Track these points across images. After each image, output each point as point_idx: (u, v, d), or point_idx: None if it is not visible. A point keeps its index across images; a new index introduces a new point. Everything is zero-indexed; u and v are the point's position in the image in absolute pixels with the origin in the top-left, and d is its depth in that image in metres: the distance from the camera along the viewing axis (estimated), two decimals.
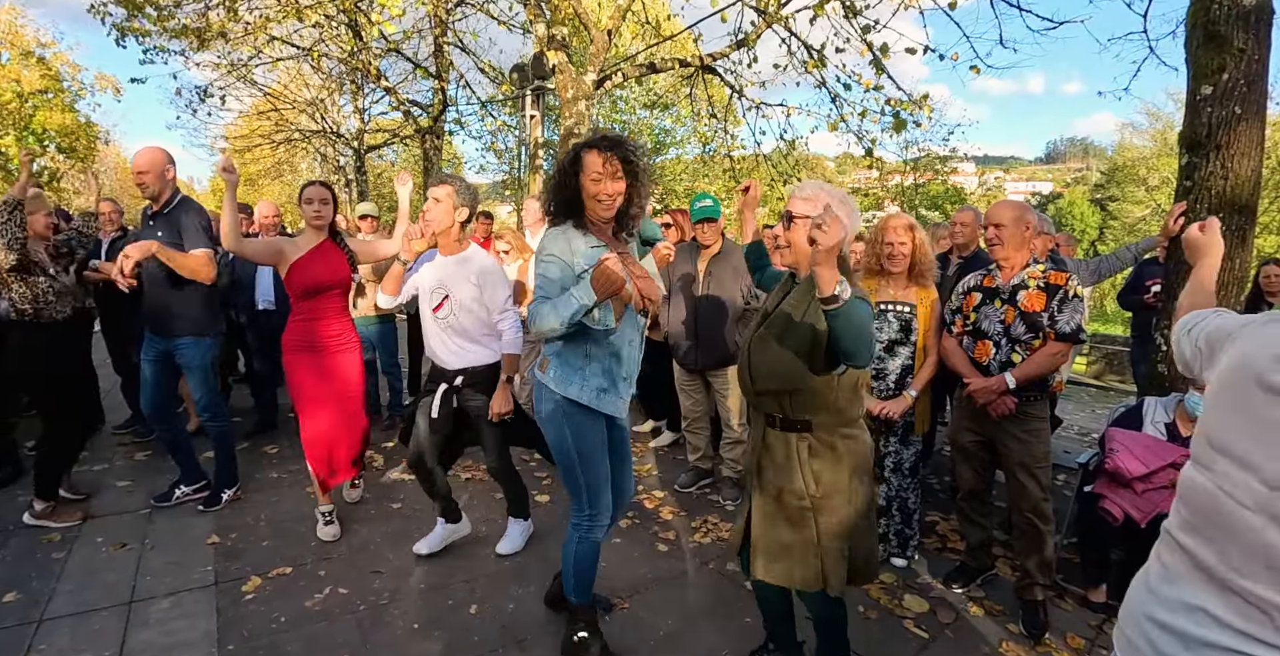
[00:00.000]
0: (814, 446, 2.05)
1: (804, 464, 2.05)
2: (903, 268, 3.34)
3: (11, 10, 21.36)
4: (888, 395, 3.33)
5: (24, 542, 3.40)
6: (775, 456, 2.10)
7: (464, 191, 3.01)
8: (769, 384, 2.06)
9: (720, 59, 9.40)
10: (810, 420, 2.04)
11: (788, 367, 2.01)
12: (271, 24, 10.12)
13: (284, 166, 23.80)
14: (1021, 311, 3.01)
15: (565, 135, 8.32)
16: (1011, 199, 3.46)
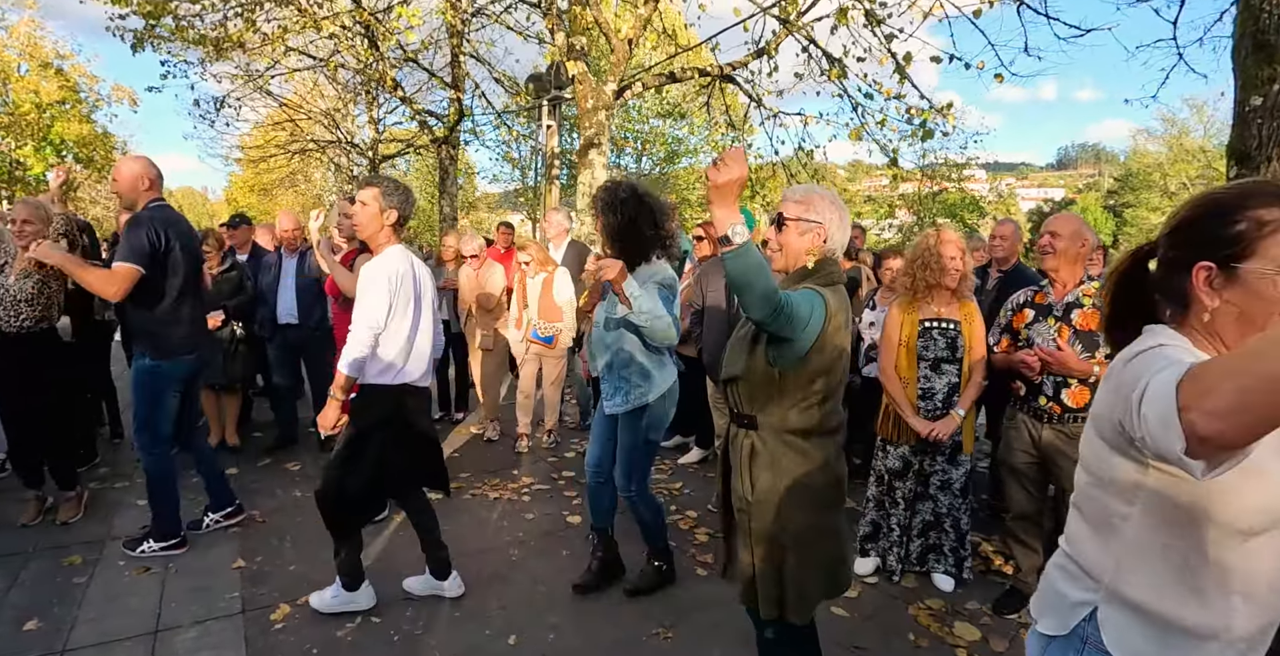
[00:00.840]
0: (755, 447, 1.94)
1: (743, 462, 1.95)
2: (957, 283, 3.25)
3: (31, 22, 21.56)
4: (935, 415, 3.23)
5: (44, 566, 3.32)
6: (730, 452, 2.03)
7: (392, 192, 2.78)
8: (725, 369, 2.01)
9: (739, 68, 9.34)
10: (755, 417, 1.94)
11: (735, 352, 1.97)
12: (289, 35, 10.13)
13: (298, 176, 23.90)
14: (1076, 330, 2.90)
15: (585, 145, 8.26)
16: (1070, 213, 3.34)
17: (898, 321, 3.39)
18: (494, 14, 11.96)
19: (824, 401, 1.90)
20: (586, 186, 8.22)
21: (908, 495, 3.35)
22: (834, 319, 1.83)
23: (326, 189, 25.12)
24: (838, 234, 1.96)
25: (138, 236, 3.20)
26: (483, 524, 3.88)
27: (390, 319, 2.71)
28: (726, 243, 1.61)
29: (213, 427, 5.01)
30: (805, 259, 1.94)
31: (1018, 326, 3.11)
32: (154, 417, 3.38)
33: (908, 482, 3.35)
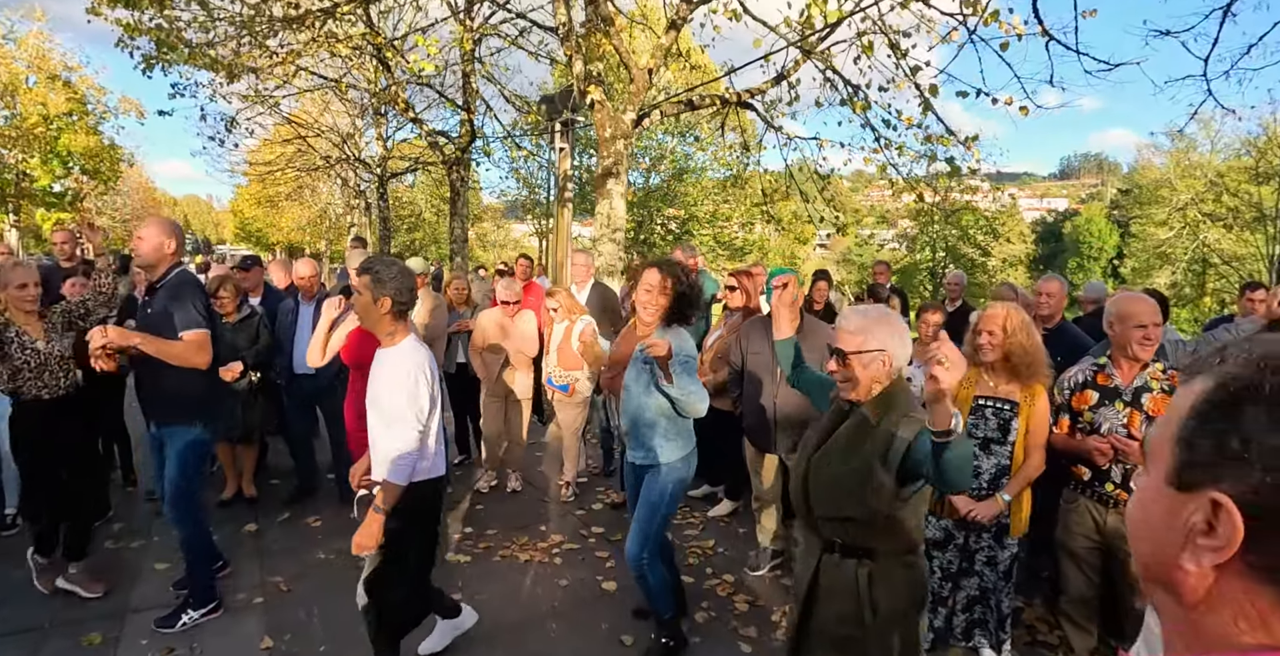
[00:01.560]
0: (874, 574, 2.00)
1: (863, 591, 1.99)
2: (991, 358, 3.11)
3: (40, 35, 21.57)
4: (979, 495, 3.10)
5: (63, 646, 3.18)
6: (831, 582, 2.06)
7: (385, 281, 2.54)
8: (829, 510, 2.03)
9: (756, 95, 9.25)
10: (874, 548, 2.00)
11: (852, 494, 1.97)
12: (301, 58, 10.07)
13: (305, 190, 23.85)
14: (1148, 416, 2.77)
15: (603, 174, 8.15)
16: (1135, 293, 3.23)
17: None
18: (509, 36, 11.92)
19: (924, 512, 2.05)
20: (604, 216, 8.11)
21: (946, 566, 3.24)
22: None
23: (333, 202, 25.06)
24: (900, 352, 2.00)
25: (191, 301, 3.24)
26: (515, 591, 3.75)
27: (431, 413, 2.61)
28: (948, 434, 1.71)
29: (229, 480, 4.89)
30: (875, 387, 2.00)
31: (1079, 407, 2.98)
32: (193, 486, 3.36)
33: (947, 554, 3.23)
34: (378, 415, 2.63)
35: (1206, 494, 0.54)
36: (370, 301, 2.57)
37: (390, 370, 2.58)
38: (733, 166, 21.19)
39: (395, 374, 2.56)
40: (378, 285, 2.56)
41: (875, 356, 1.97)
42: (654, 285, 3.03)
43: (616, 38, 7.72)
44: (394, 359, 2.60)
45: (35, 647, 3.17)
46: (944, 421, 1.70)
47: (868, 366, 1.98)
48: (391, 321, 2.63)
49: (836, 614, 2.03)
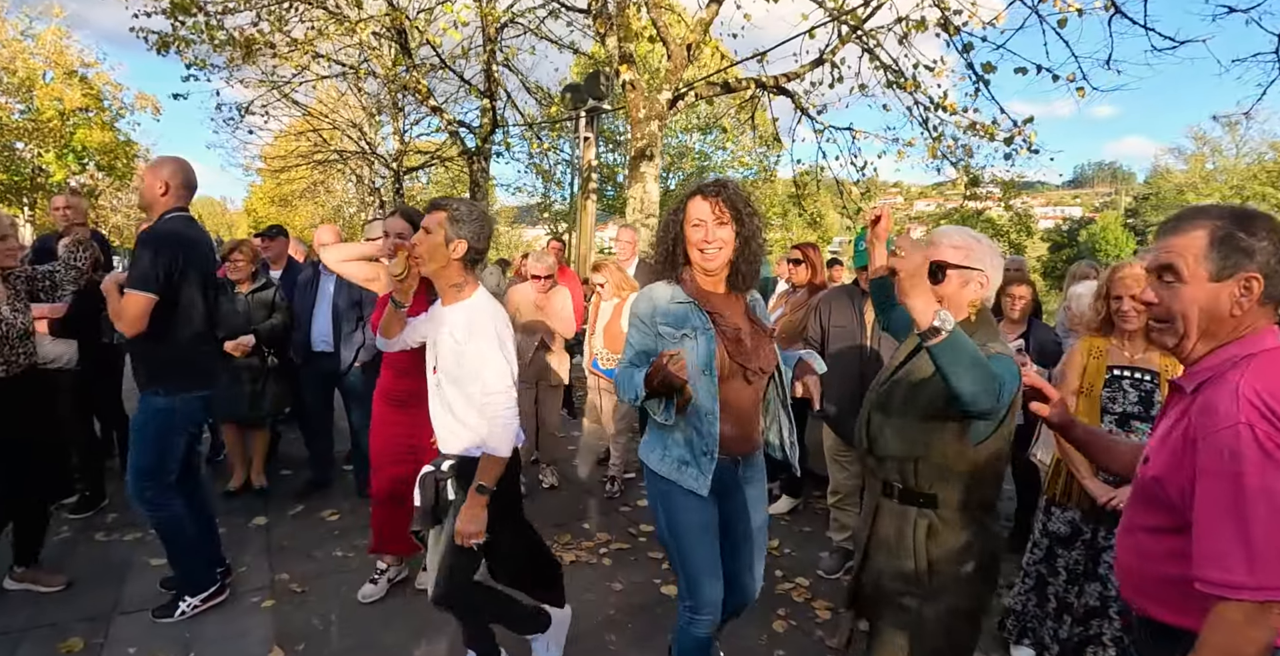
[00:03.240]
0: (934, 526, 1.75)
1: (919, 545, 1.76)
2: (1137, 325, 2.68)
3: (57, 31, 21.45)
4: (1119, 481, 2.62)
5: (38, 653, 2.71)
6: (886, 532, 1.83)
7: (464, 219, 2.18)
8: (890, 448, 1.80)
9: (793, 79, 8.80)
10: (935, 495, 1.75)
11: (915, 430, 1.75)
12: (320, 40, 9.70)
13: (319, 187, 23.58)
14: None
15: (636, 156, 7.71)
16: None
17: (1079, 365, 2.87)
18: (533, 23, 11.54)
19: (1000, 470, 1.78)
20: (637, 200, 7.67)
21: (1072, 566, 2.79)
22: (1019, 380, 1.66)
23: (347, 200, 24.77)
24: (997, 281, 1.81)
25: (147, 258, 2.73)
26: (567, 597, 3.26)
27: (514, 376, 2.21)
28: (934, 334, 1.45)
29: (236, 469, 4.41)
30: (968, 310, 1.78)
31: None
32: (162, 465, 2.88)
33: (1074, 553, 2.80)
34: (453, 380, 2.22)
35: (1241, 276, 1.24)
36: (442, 242, 2.18)
37: (468, 326, 2.18)
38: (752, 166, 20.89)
39: (479, 329, 2.17)
40: (455, 224, 2.18)
41: (974, 276, 1.77)
42: (705, 218, 2.05)
43: (655, 10, 7.28)
44: (469, 314, 2.21)
45: (9, 652, 2.71)
46: (923, 320, 1.46)
47: (966, 285, 1.77)
48: (461, 271, 2.25)
49: (891, 569, 1.81)
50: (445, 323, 2.24)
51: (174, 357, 2.88)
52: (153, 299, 2.71)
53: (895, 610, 1.81)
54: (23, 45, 20.52)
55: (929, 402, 1.73)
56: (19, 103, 20.43)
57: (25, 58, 20.43)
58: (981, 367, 1.48)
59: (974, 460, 1.71)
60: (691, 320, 2.06)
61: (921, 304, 1.47)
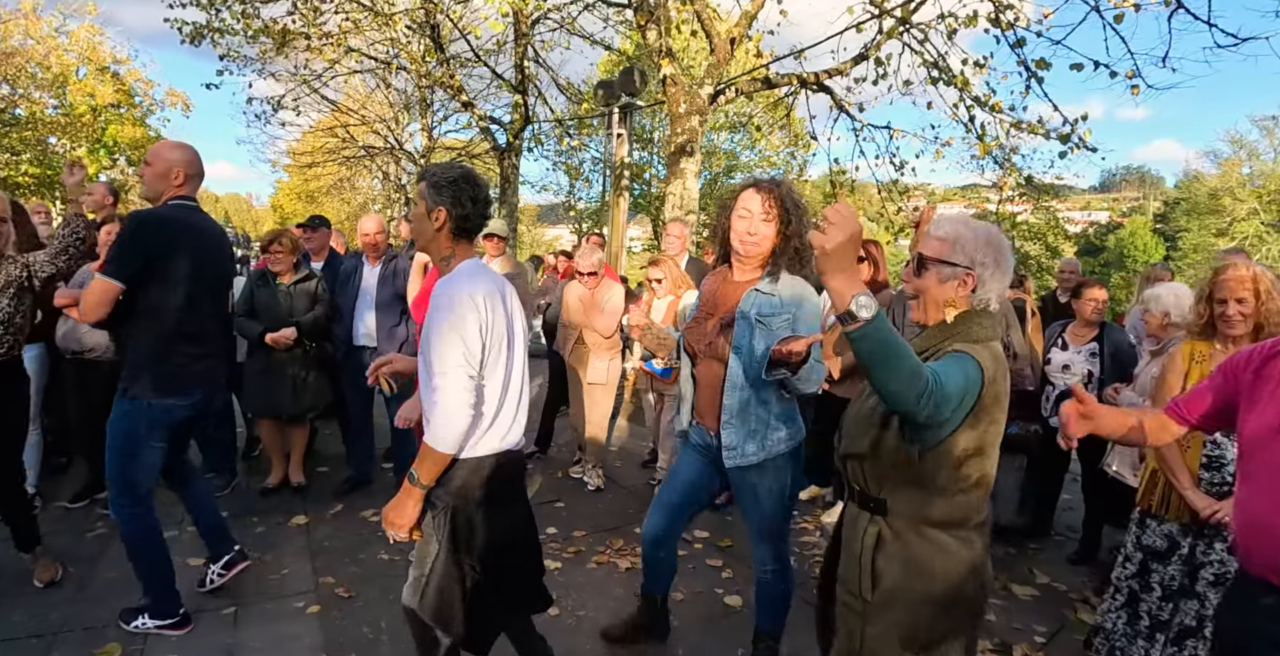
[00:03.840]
0: (883, 536, 1.62)
1: (865, 552, 1.63)
2: (1241, 331, 2.47)
3: (90, 28, 21.67)
4: (1222, 491, 2.45)
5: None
6: (845, 534, 1.72)
7: (442, 186, 1.91)
8: (845, 443, 1.70)
9: (835, 75, 8.59)
10: (885, 501, 1.62)
11: (864, 426, 1.63)
12: (355, 32, 9.62)
13: (345, 184, 23.62)
14: None
15: (676, 152, 7.51)
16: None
17: (1181, 369, 2.66)
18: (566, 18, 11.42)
19: (975, 487, 1.58)
20: (677, 197, 7.49)
21: (1167, 582, 2.59)
22: (992, 387, 1.50)
23: (372, 197, 24.80)
24: (993, 281, 1.60)
25: (125, 243, 2.50)
26: (622, 605, 3.07)
27: (486, 361, 1.89)
28: (851, 319, 1.28)
29: (275, 465, 4.27)
30: (944, 311, 1.61)
31: None
32: (130, 471, 2.62)
33: (1169, 568, 2.60)
34: (423, 361, 1.93)
35: None
36: (424, 213, 1.92)
37: (436, 300, 1.89)
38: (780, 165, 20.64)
39: (439, 304, 1.87)
40: (434, 191, 1.90)
41: (954, 273, 1.59)
42: (752, 210, 2.20)
43: (699, 2, 7.09)
44: (444, 287, 1.91)
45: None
46: (840, 300, 1.29)
47: (944, 283, 1.60)
48: (448, 241, 1.95)
49: (843, 574, 1.70)
50: (432, 298, 1.95)
51: (145, 358, 2.60)
52: (117, 287, 2.45)
53: (843, 625, 1.70)
54: (56, 42, 20.74)
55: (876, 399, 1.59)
56: (52, 98, 20.65)
57: (59, 54, 20.66)
58: (906, 364, 1.32)
59: (922, 470, 1.55)
60: (694, 301, 2.48)
61: (838, 283, 1.30)
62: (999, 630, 3.05)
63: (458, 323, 1.82)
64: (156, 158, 2.63)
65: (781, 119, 10.13)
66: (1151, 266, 5.18)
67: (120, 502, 2.65)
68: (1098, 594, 3.40)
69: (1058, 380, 3.96)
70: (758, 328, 2.22)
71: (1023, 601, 3.33)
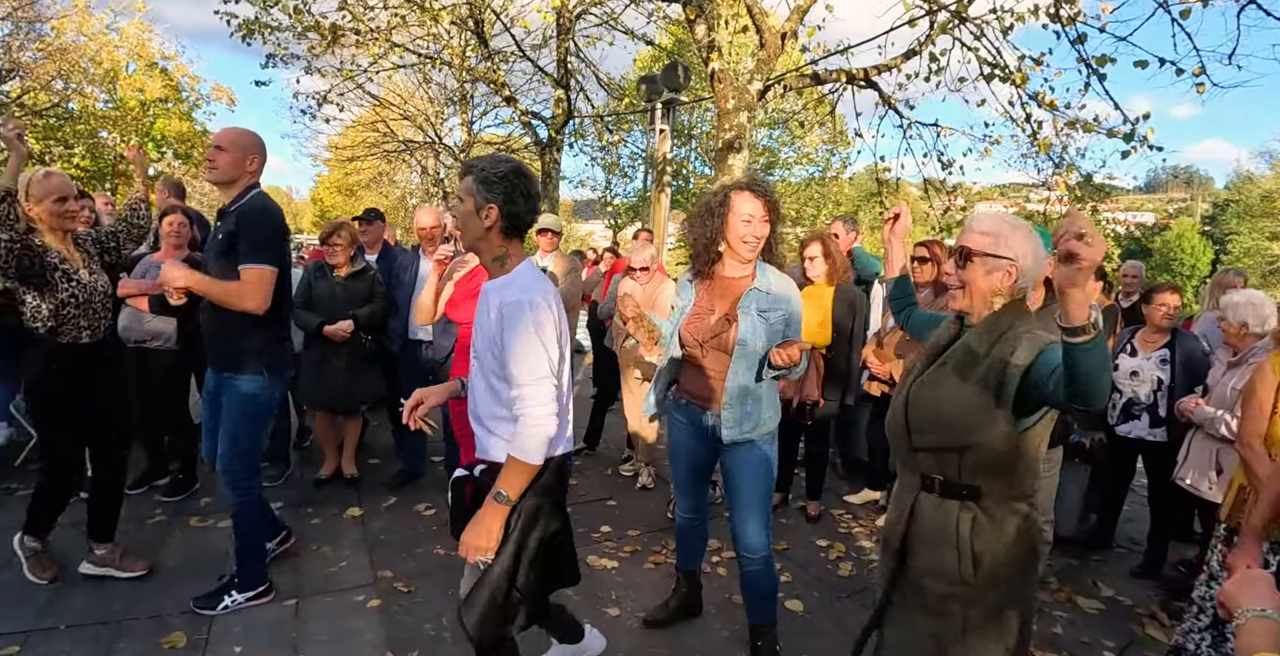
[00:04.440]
0: (979, 520, 1.68)
1: (962, 541, 1.67)
2: None
3: (140, 25, 22.14)
4: None
5: (139, 648, 2.59)
6: (925, 528, 1.74)
7: (493, 182, 1.82)
8: (934, 438, 1.72)
9: (885, 71, 8.44)
10: (979, 487, 1.68)
11: (964, 417, 1.66)
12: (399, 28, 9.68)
13: (384, 178, 23.88)
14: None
15: (723, 148, 7.43)
16: None
17: (1273, 382, 2.55)
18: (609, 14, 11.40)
19: (1040, 459, 1.71)
20: None
21: None
22: None
23: (410, 191, 25.04)
24: (1031, 270, 1.71)
25: (267, 228, 2.67)
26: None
27: (562, 365, 1.86)
28: (1082, 333, 1.35)
29: (328, 456, 4.30)
30: (993, 301, 1.73)
31: None
32: (256, 448, 2.87)
33: None
34: (486, 370, 1.88)
35: None
36: (472, 210, 1.83)
37: (503, 307, 1.80)
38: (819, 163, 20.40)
39: (512, 308, 1.78)
40: (484, 187, 1.81)
41: (999, 265, 1.70)
42: (755, 214, 2.39)
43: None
44: (507, 291, 1.82)
45: (108, 646, 2.59)
46: (1080, 314, 1.35)
47: (989, 274, 1.70)
48: (500, 240, 1.87)
49: (932, 566, 1.72)
50: (485, 301, 1.90)
51: (274, 336, 2.82)
52: (274, 272, 2.63)
53: (933, 615, 1.72)
54: (108, 38, 21.21)
55: (982, 392, 1.64)
56: (103, 93, 21.15)
57: (110, 50, 21.12)
58: (1109, 369, 1.41)
59: (1021, 449, 1.64)
60: (685, 296, 2.58)
61: (1083, 297, 1.36)
62: (1067, 644, 2.95)
63: (539, 330, 1.77)
64: (232, 144, 2.69)
65: (825, 116, 9.95)
66: (1224, 272, 4.97)
67: (241, 476, 2.80)
68: (1165, 610, 3.28)
69: (1125, 387, 3.82)
70: (759, 322, 2.42)
71: (1089, 614, 3.23)
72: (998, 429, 1.63)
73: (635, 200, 16.85)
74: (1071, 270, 1.35)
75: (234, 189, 2.72)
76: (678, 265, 16.78)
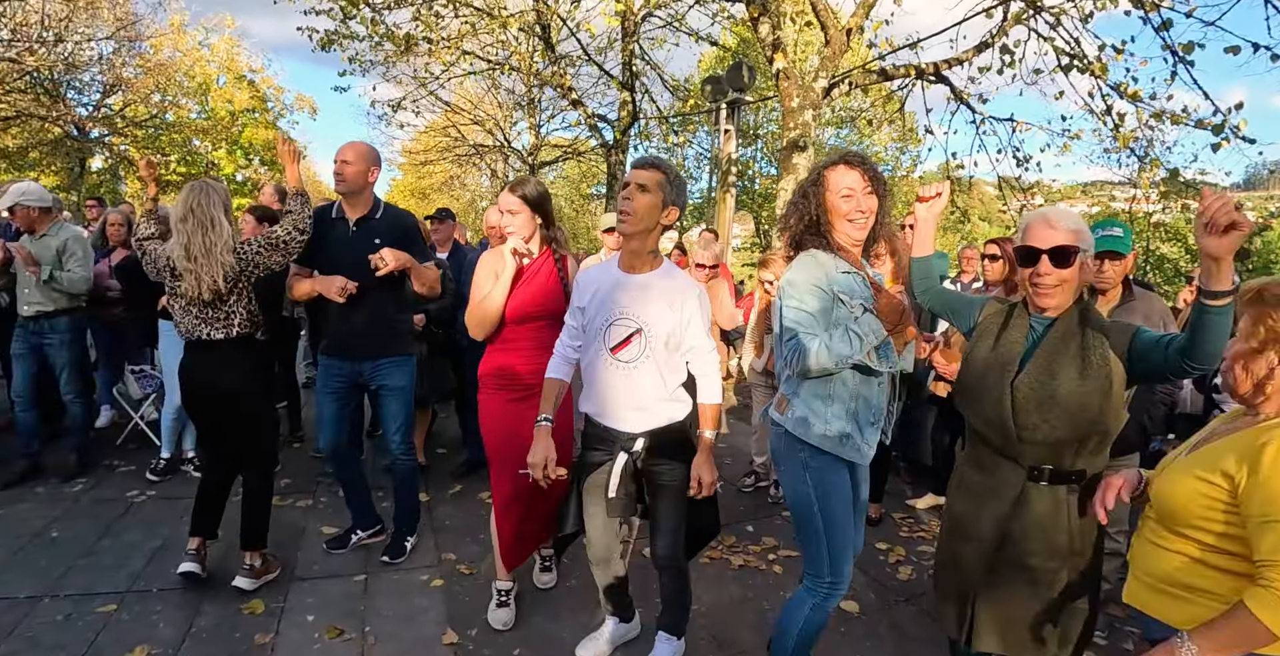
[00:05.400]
0: (1081, 498, 1.78)
1: (1073, 523, 1.77)
2: None
3: (229, 41, 23.46)
4: None
5: (222, 612, 2.79)
6: (1035, 516, 1.79)
7: (680, 187, 2.13)
8: (1048, 430, 1.75)
9: (955, 65, 8.21)
10: (1084, 470, 1.79)
11: (1089, 407, 1.71)
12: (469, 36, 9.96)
13: (455, 181, 24.55)
14: None
15: (788, 147, 7.37)
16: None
17: None
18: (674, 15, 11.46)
19: None
20: (789, 193, 7.34)
21: None
22: None
23: (480, 194, 25.66)
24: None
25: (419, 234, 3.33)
26: (738, 604, 3.07)
27: None
28: (1224, 296, 1.46)
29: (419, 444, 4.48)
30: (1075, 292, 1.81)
31: None
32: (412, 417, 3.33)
33: None
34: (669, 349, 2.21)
35: None
36: (659, 204, 2.10)
37: (684, 291, 2.19)
38: (889, 161, 19.93)
39: (690, 292, 2.19)
40: (675, 190, 2.12)
41: (1085, 258, 1.79)
42: (856, 186, 2.07)
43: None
44: (681, 282, 2.21)
45: (195, 609, 2.79)
46: (1228, 278, 1.46)
47: (1081, 268, 1.78)
48: (658, 237, 2.21)
49: (1042, 549, 1.79)
50: (655, 293, 2.15)
51: (409, 325, 3.39)
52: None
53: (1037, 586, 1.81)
54: (200, 54, 22.56)
55: (1100, 382, 1.71)
56: (196, 104, 22.45)
57: (202, 65, 22.46)
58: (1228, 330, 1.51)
59: (1114, 426, 1.75)
60: (860, 292, 2.07)
61: (1230, 265, 1.46)
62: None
63: (706, 308, 2.22)
64: (359, 157, 3.03)
65: (893, 113, 9.76)
66: None
67: (408, 444, 3.27)
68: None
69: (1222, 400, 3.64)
70: None
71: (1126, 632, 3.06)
72: (1117, 408, 1.72)
73: (701, 201, 16.83)
74: (1235, 238, 1.41)
75: (363, 196, 3.07)
76: (744, 266, 16.66)
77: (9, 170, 19.87)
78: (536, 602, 2.95)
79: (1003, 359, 1.84)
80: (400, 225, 3.14)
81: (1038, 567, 1.80)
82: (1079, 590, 1.81)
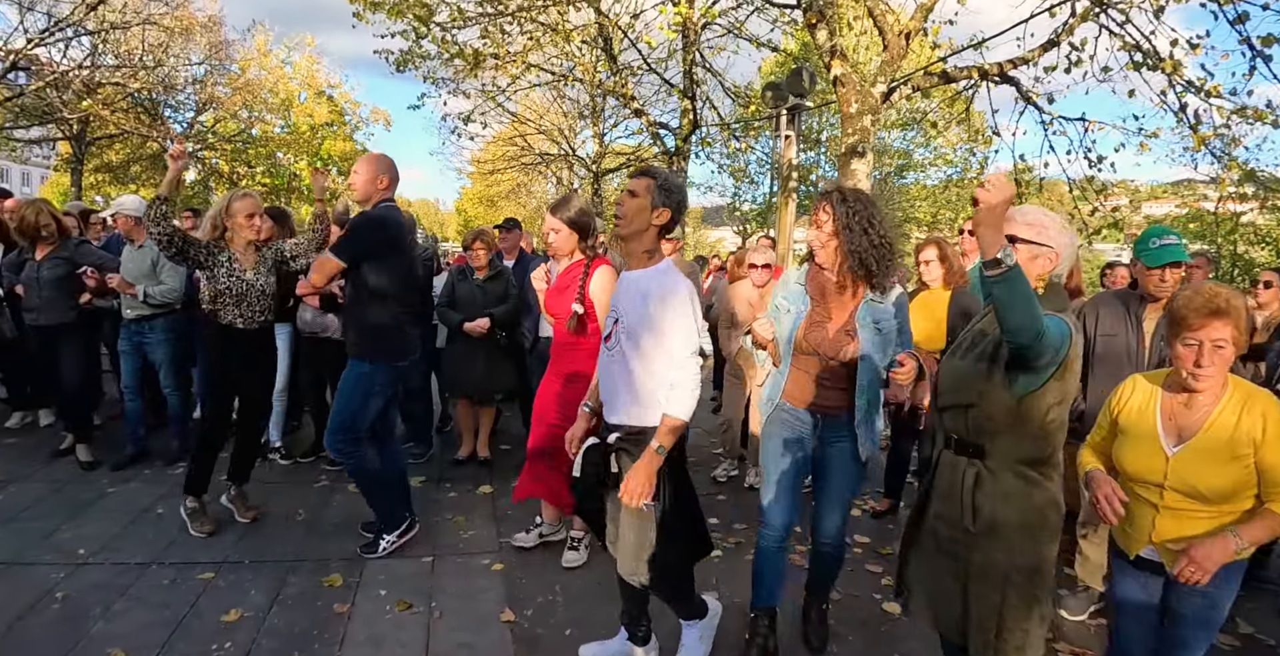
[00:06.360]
0: (981, 476, 1.90)
1: (965, 491, 1.90)
2: None
3: (309, 59, 24.76)
4: None
5: (305, 584, 3.08)
6: (941, 481, 2.00)
7: (671, 189, 2.22)
8: (948, 397, 1.98)
9: (1021, 65, 8.06)
10: (984, 446, 1.91)
11: (966, 378, 1.91)
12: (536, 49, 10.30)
13: (522, 189, 25.19)
14: None
15: (846, 153, 7.41)
16: None
17: None
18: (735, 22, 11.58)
19: (1058, 431, 1.87)
20: None
21: None
22: (1075, 346, 1.79)
23: (546, 201, 26.29)
24: (1066, 261, 1.94)
25: (357, 233, 3.18)
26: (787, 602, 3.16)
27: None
28: (995, 266, 1.59)
29: (465, 440, 4.78)
30: (1036, 284, 1.86)
31: None
32: (354, 422, 3.23)
33: None
34: (638, 347, 2.23)
35: None
36: (647, 207, 2.19)
37: (661, 291, 2.18)
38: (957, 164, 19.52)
39: (672, 293, 2.17)
40: (664, 192, 2.19)
41: (1043, 252, 1.90)
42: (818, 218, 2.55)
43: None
44: (663, 279, 2.21)
45: (282, 579, 3.11)
46: (992, 248, 1.59)
47: (1034, 259, 1.89)
48: (655, 239, 2.27)
49: (943, 512, 1.99)
50: (635, 288, 2.25)
51: (375, 329, 3.23)
52: (338, 264, 3.12)
53: (946, 557, 1.98)
54: (283, 72, 23.87)
55: (983, 349, 1.88)
56: (279, 119, 23.74)
57: (285, 82, 23.77)
58: (1032, 307, 1.60)
59: (1020, 415, 1.81)
60: (797, 300, 2.55)
61: (992, 235, 1.61)
62: None
63: (688, 314, 2.18)
64: (366, 167, 3.23)
65: (960, 114, 9.61)
66: None
67: (341, 444, 3.24)
68: None
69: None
70: (874, 335, 2.48)
71: (1221, 650, 2.98)
72: (997, 388, 1.84)
73: (763, 206, 16.85)
74: (978, 212, 1.64)
75: (368, 203, 3.23)
76: None
77: (113, 182, 21.49)
78: (588, 585, 3.14)
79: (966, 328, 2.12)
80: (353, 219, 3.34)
81: (941, 535, 2.00)
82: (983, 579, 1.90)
